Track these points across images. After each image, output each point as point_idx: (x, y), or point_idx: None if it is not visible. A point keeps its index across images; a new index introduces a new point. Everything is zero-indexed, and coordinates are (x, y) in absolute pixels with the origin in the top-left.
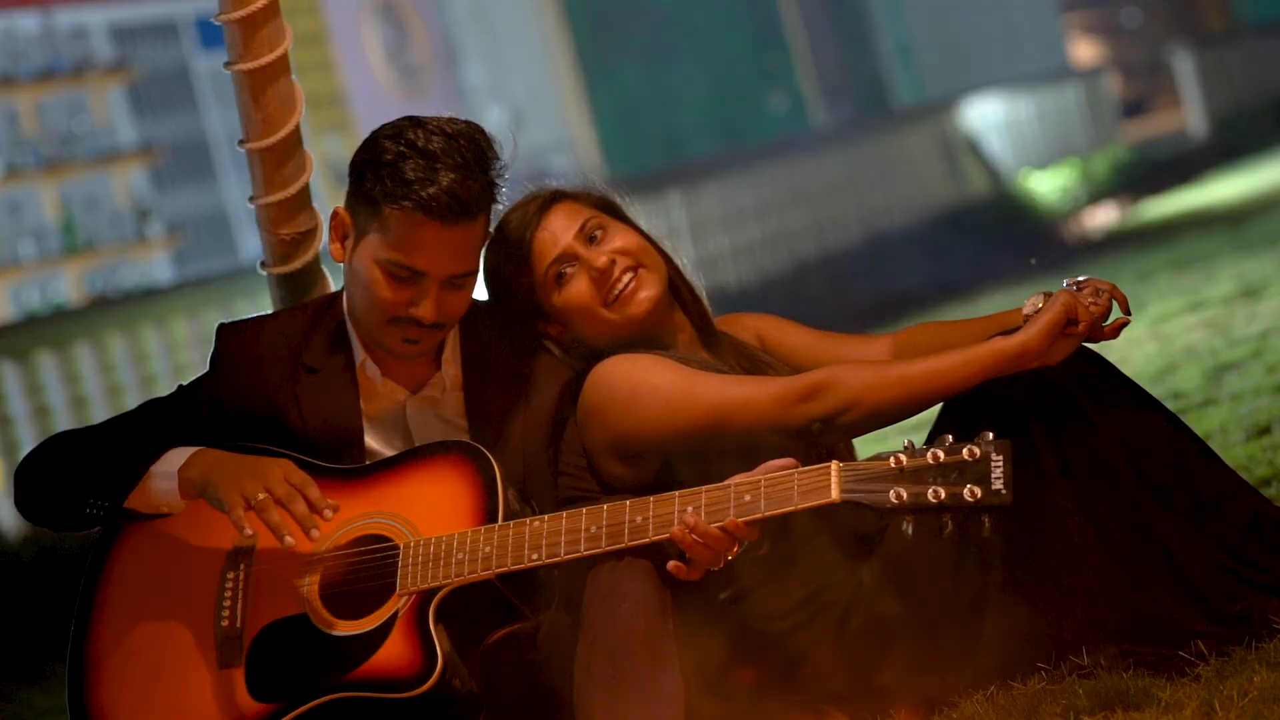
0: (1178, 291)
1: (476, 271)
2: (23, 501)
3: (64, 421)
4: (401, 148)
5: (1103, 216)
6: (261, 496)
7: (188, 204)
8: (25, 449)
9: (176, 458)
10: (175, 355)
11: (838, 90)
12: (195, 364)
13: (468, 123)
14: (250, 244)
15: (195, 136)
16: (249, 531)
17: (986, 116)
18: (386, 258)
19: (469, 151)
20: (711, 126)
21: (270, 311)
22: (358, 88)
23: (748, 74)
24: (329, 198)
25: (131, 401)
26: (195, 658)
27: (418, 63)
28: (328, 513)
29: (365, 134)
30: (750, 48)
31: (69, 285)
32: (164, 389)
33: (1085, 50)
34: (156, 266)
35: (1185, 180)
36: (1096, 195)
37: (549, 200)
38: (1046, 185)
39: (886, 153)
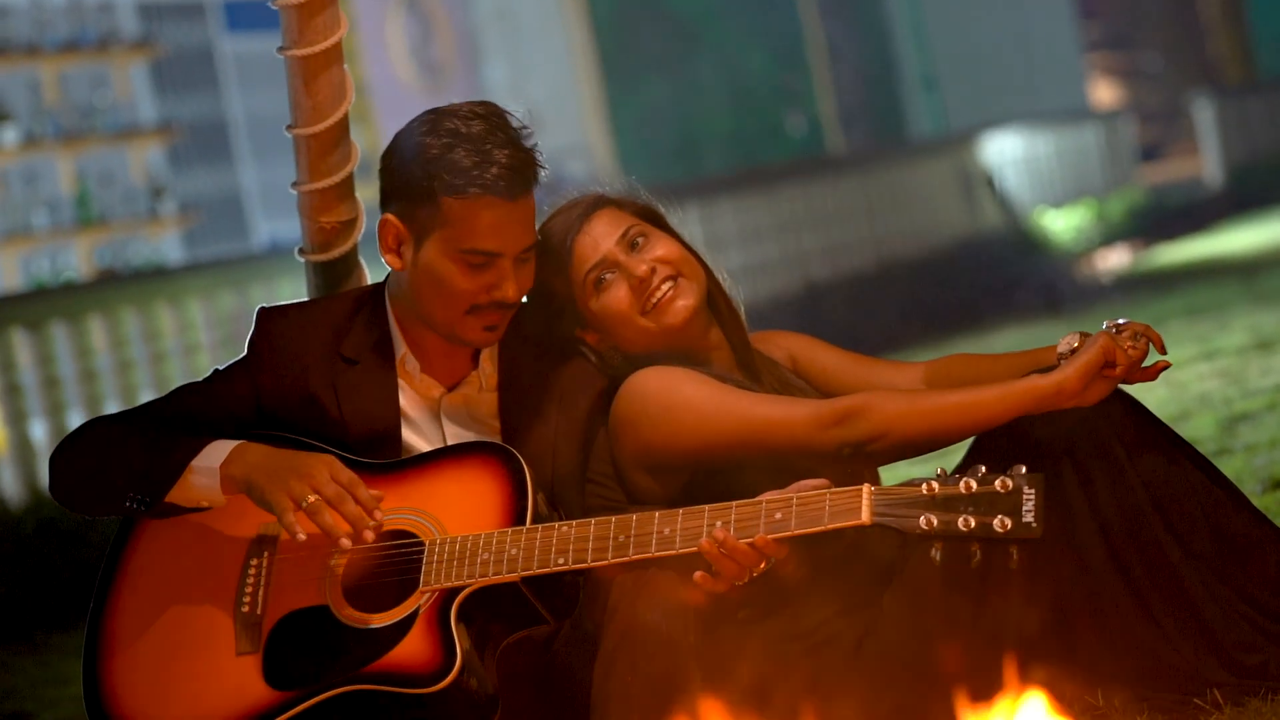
0: (1191, 339)
1: (537, 243)
2: (59, 490)
3: (73, 393)
4: (445, 139)
5: (1115, 259)
6: (312, 499)
7: (202, 185)
8: (34, 419)
9: (217, 452)
10: (187, 335)
11: (856, 116)
12: (206, 345)
13: (485, 103)
14: (261, 229)
15: (215, 118)
16: (302, 535)
17: (1005, 151)
18: (462, 248)
19: (506, 128)
20: (728, 142)
21: (307, 299)
22: (379, 80)
23: (768, 93)
24: None
25: (141, 377)
26: (213, 641)
27: (440, 59)
28: (378, 513)
29: (384, 125)
30: (772, 67)
31: (79, 257)
32: (174, 367)
33: (1104, 92)
34: (167, 245)
35: (1199, 228)
36: (1110, 237)
37: (592, 205)
38: (1061, 224)
39: (904, 181)
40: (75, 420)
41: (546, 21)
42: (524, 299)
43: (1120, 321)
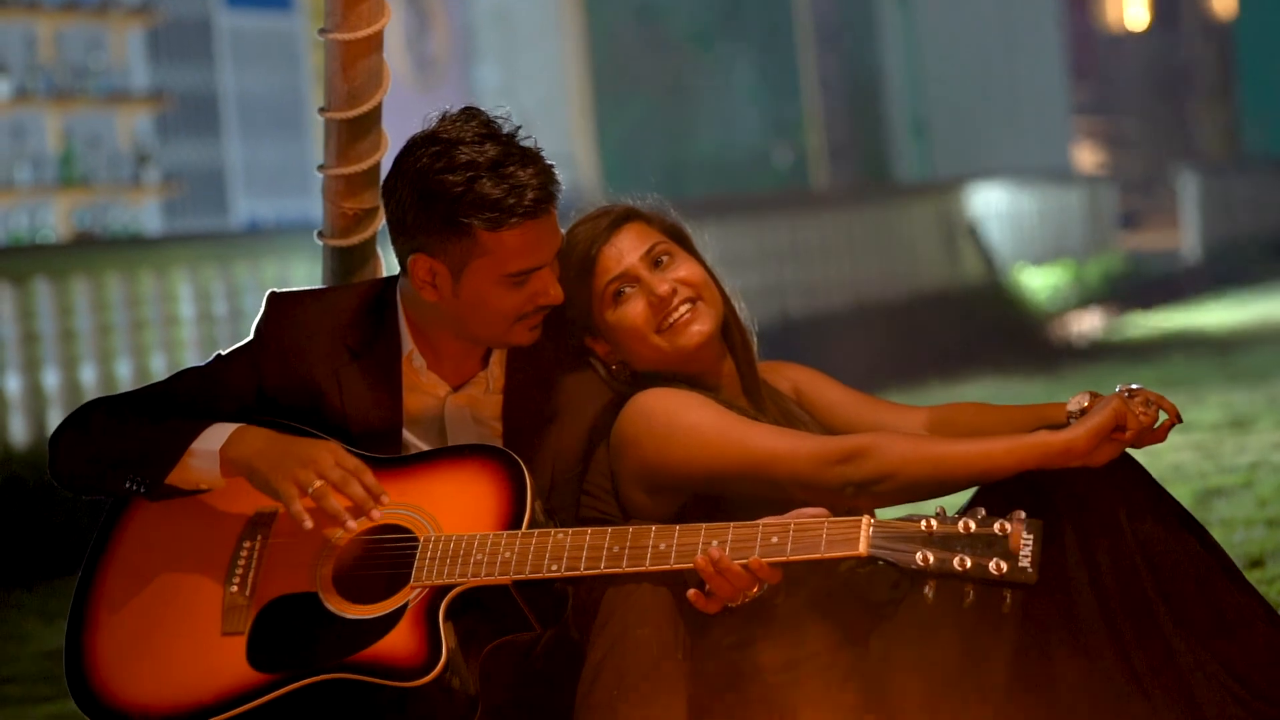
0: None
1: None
2: (59, 471)
3: (50, 351)
4: (466, 173)
5: (1089, 322)
6: (318, 484)
7: (187, 156)
8: (8, 372)
9: (217, 435)
10: (168, 305)
11: (842, 153)
12: (187, 318)
13: (474, 113)
14: (241, 206)
15: (206, 91)
16: (309, 524)
17: (990, 204)
18: (510, 271)
19: (509, 139)
20: (713, 167)
21: (318, 286)
22: None
23: (757, 123)
24: None
25: (120, 342)
26: (199, 619)
27: (434, 55)
28: (384, 498)
29: None
30: (764, 97)
31: (58, 216)
32: (153, 336)
33: (1086, 155)
34: (146, 213)
35: (1175, 300)
36: (1086, 300)
37: (621, 217)
38: (1039, 282)
39: (888, 223)
40: (50, 378)
41: (543, 28)
42: None
43: (1133, 386)
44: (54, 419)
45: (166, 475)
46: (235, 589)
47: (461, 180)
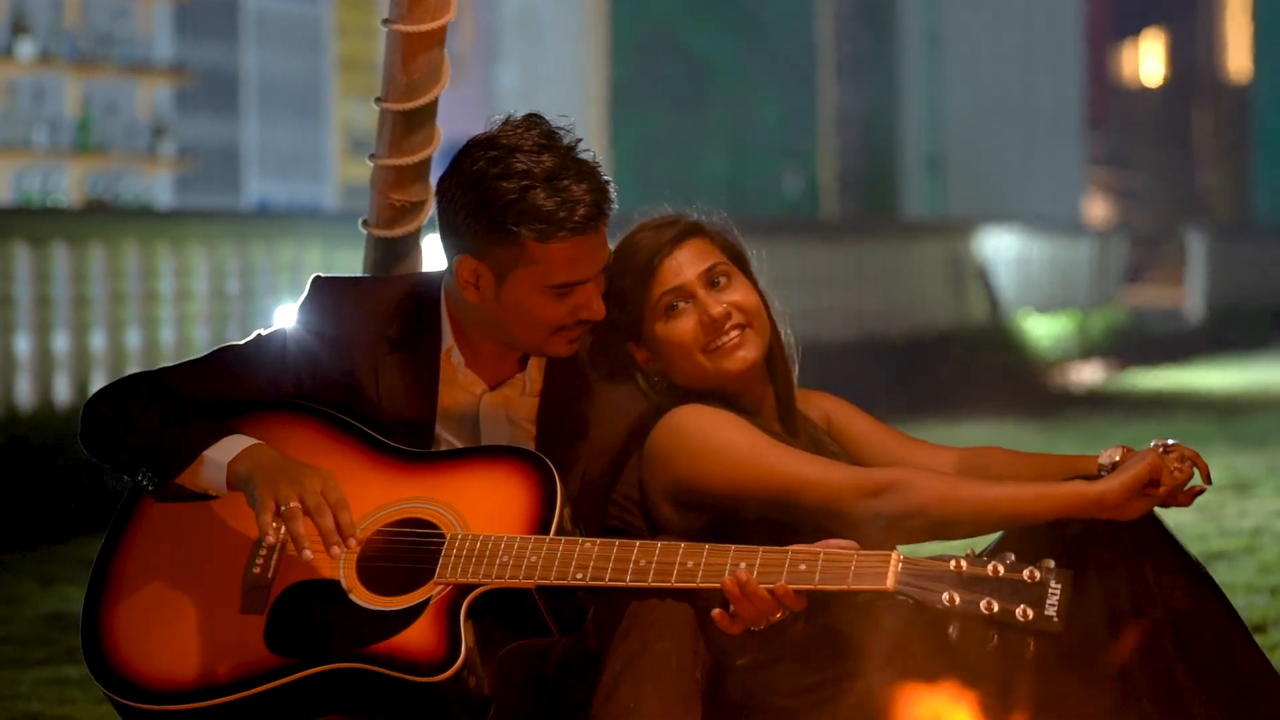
0: None
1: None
2: (85, 442)
3: (63, 315)
4: (521, 181)
5: (1089, 374)
6: (293, 504)
7: (203, 132)
8: (19, 332)
9: (231, 447)
10: (183, 279)
11: (853, 185)
12: (199, 293)
13: (536, 122)
14: (253, 187)
15: (228, 69)
16: (271, 540)
17: (1000, 249)
18: (554, 283)
19: (569, 153)
20: (723, 189)
21: (364, 275)
22: None
23: (770, 147)
24: (341, 160)
25: (131, 312)
26: (218, 597)
27: (457, 51)
28: (351, 541)
29: None
30: (779, 122)
31: (71, 181)
32: (165, 308)
33: (1096, 208)
34: (159, 185)
35: (1176, 359)
36: (1088, 352)
37: (686, 231)
38: (1042, 330)
39: (898, 258)
40: (59, 342)
41: (567, 35)
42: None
43: (1169, 442)
44: (61, 383)
45: (175, 477)
46: (258, 570)
47: (515, 188)
